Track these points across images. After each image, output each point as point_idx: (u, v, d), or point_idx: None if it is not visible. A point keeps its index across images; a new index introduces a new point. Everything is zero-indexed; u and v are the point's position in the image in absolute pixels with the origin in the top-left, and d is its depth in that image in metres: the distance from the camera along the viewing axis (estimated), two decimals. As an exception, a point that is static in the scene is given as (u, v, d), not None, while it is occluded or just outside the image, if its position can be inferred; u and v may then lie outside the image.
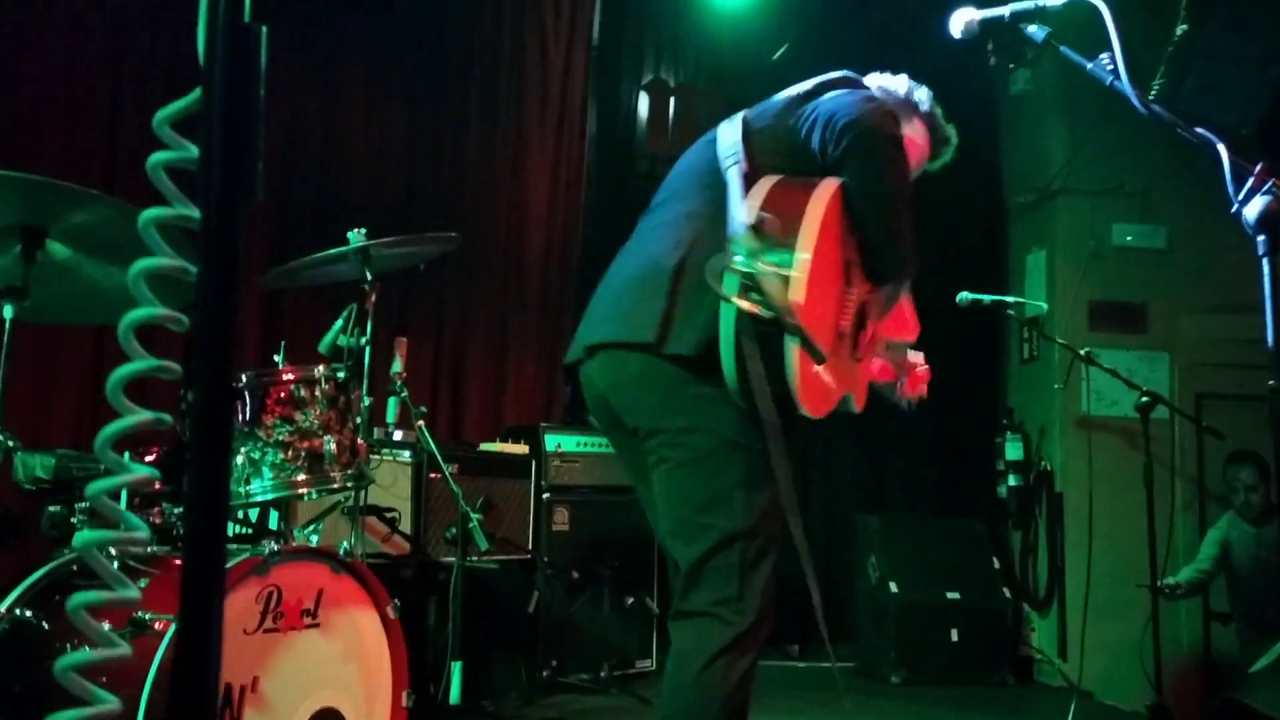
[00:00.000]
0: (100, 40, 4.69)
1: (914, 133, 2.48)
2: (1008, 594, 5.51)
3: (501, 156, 5.69)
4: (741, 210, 1.98)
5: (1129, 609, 5.04)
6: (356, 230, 3.22)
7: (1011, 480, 6.04)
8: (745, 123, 2.27)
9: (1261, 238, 2.05)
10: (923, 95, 2.56)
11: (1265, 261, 2.05)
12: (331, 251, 3.16)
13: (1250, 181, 2.06)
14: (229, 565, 2.39)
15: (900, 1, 5.51)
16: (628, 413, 2.15)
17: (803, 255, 1.89)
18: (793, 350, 1.89)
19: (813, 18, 6.10)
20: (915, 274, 2.20)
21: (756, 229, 1.91)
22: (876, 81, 2.52)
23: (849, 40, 5.97)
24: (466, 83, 5.66)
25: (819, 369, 1.94)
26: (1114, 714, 4.69)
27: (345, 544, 2.75)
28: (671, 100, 6.42)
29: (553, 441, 4.73)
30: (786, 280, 1.87)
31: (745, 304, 1.85)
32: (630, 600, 4.73)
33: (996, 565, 5.62)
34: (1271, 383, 2.07)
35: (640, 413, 2.12)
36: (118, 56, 4.72)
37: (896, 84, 2.55)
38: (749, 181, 2.07)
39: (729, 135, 2.24)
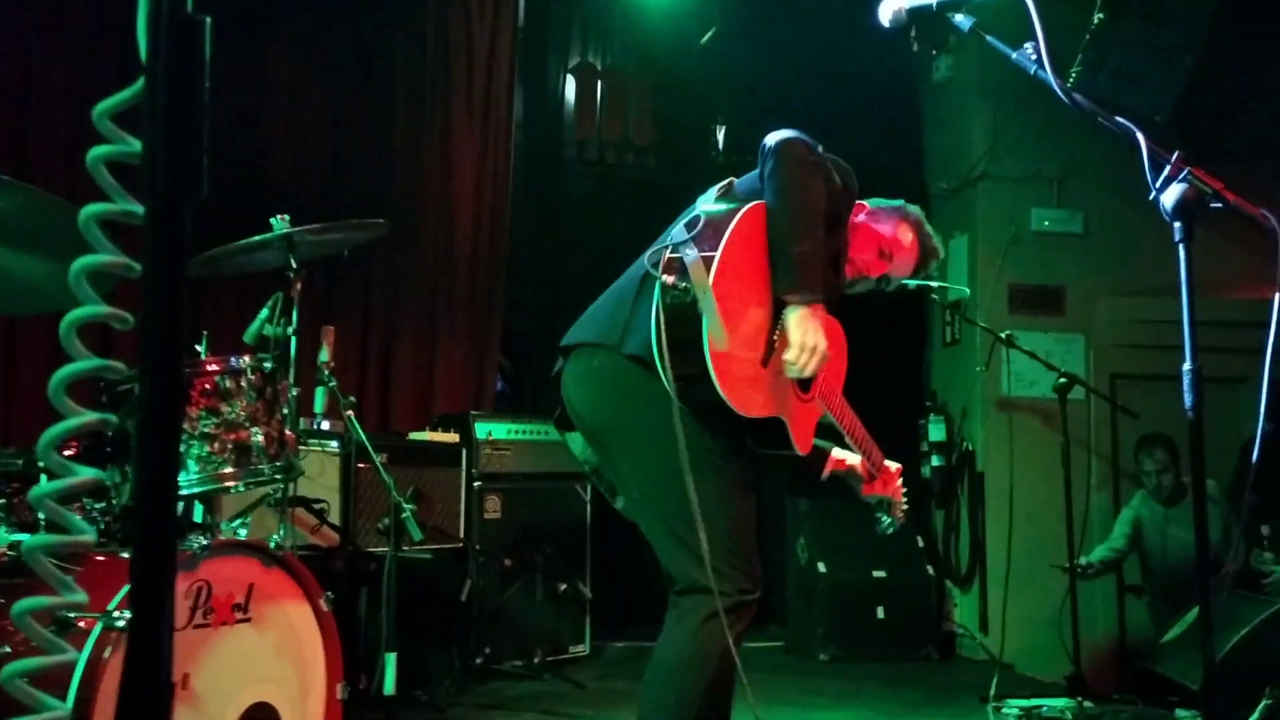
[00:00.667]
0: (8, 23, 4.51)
1: (903, 238, 2.60)
2: (931, 572, 5.64)
3: (428, 141, 5.61)
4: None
5: (1047, 584, 5.19)
6: (280, 217, 3.15)
7: (935, 461, 6.17)
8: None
9: (1177, 224, 2.11)
10: (915, 210, 2.68)
11: (1181, 248, 2.12)
12: (254, 239, 3.09)
13: (1167, 169, 2.12)
14: (156, 561, 2.34)
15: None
16: (588, 410, 2.33)
17: (721, 249, 2.09)
18: (708, 335, 2.04)
19: (740, 1, 6.13)
20: (819, 294, 2.18)
21: (689, 227, 2.14)
22: (871, 204, 2.64)
23: (776, 24, 6.02)
24: (391, 65, 5.57)
25: (739, 360, 2.10)
26: (1034, 685, 4.83)
27: (275, 537, 2.70)
28: (599, 84, 6.40)
29: (483, 429, 4.70)
30: (708, 263, 2.06)
31: (668, 279, 2.06)
32: (563, 586, 4.74)
33: (920, 544, 5.75)
34: (1186, 366, 2.14)
35: (601, 411, 2.31)
36: (23, 43, 4.55)
37: (889, 203, 2.68)
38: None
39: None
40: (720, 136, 6.39)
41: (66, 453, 2.67)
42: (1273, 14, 4.84)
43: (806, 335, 2.12)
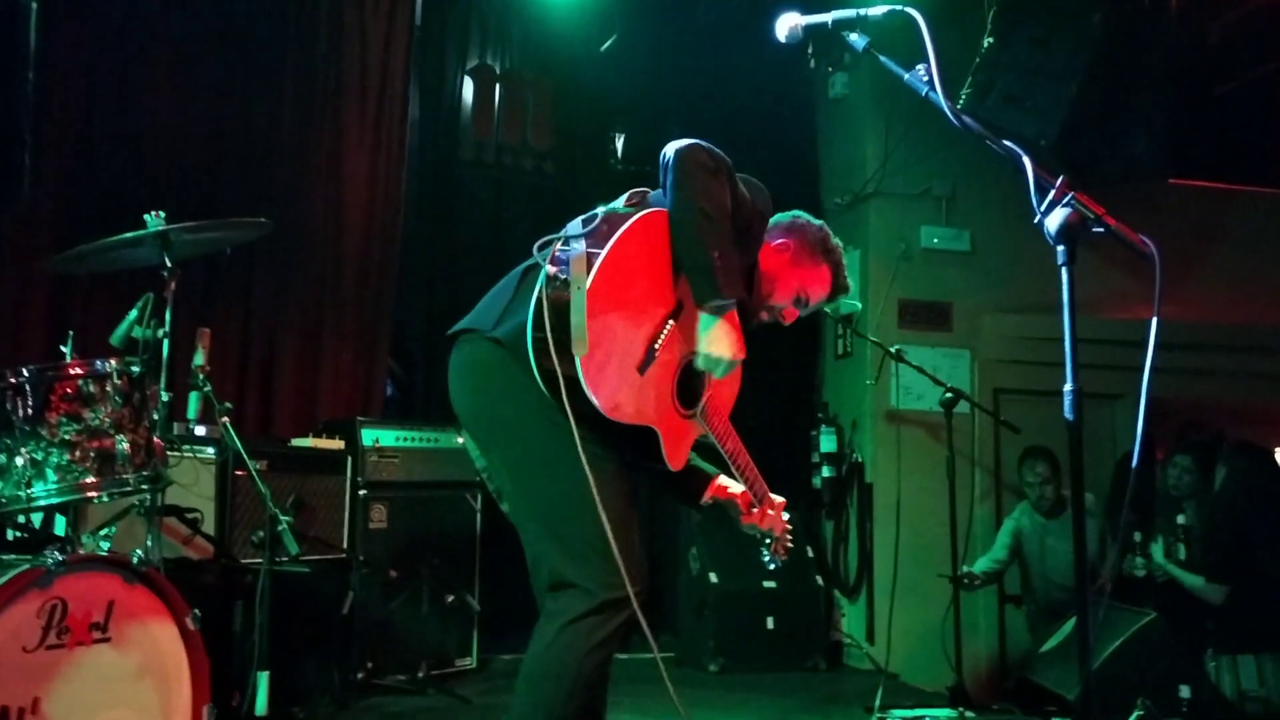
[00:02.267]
0: None
1: (822, 281, 2.56)
2: (820, 582, 5.69)
3: (317, 137, 5.44)
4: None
5: (932, 594, 5.28)
6: (154, 213, 3.01)
7: (825, 471, 6.24)
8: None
9: (1061, 247, 2.15)
10: (837, 245, 2.63)
11: (1064, 270, 2.15)
12: (126, 235, 2.94)
13: (1051, 193, 2.15)
14: (4, 579, 2.18)
15: (728, 1, 5.59)
16: (462, 402, 2.28)
17: (608, 247, 2.05)
18: (573, 334, 2.00)
19: (641, 10, 6.11)
20: (733, 296, 2.16)
21: (585, 223, 2.11)
22: (794, 220, 2.60)
23: (676, 35, 6.02)
24: (280, 58, 5.38)
25: (615, 362, 2.06)
26: (918, 695, 4.91)
27: (139, 552, 2.56)
28: (497, 87, 6.30)
29: (370, 436, 4.57)
30: (591, 260, 2.03)
31: (552, 269, 2.05)
32: (450, 598, 4.63)
33: (810, 554, 5.80)
34: (1067, 386, 2.17)
35: (473, 401, 2.26)
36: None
37: (812, 223, 2.63)
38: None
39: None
40: (619, 144, 6.36)
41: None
42: (1150, 44, 5.02)
43: (722, 343, 2.13)
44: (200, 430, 3.86)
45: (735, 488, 2.53)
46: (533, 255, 2.12)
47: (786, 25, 2.50)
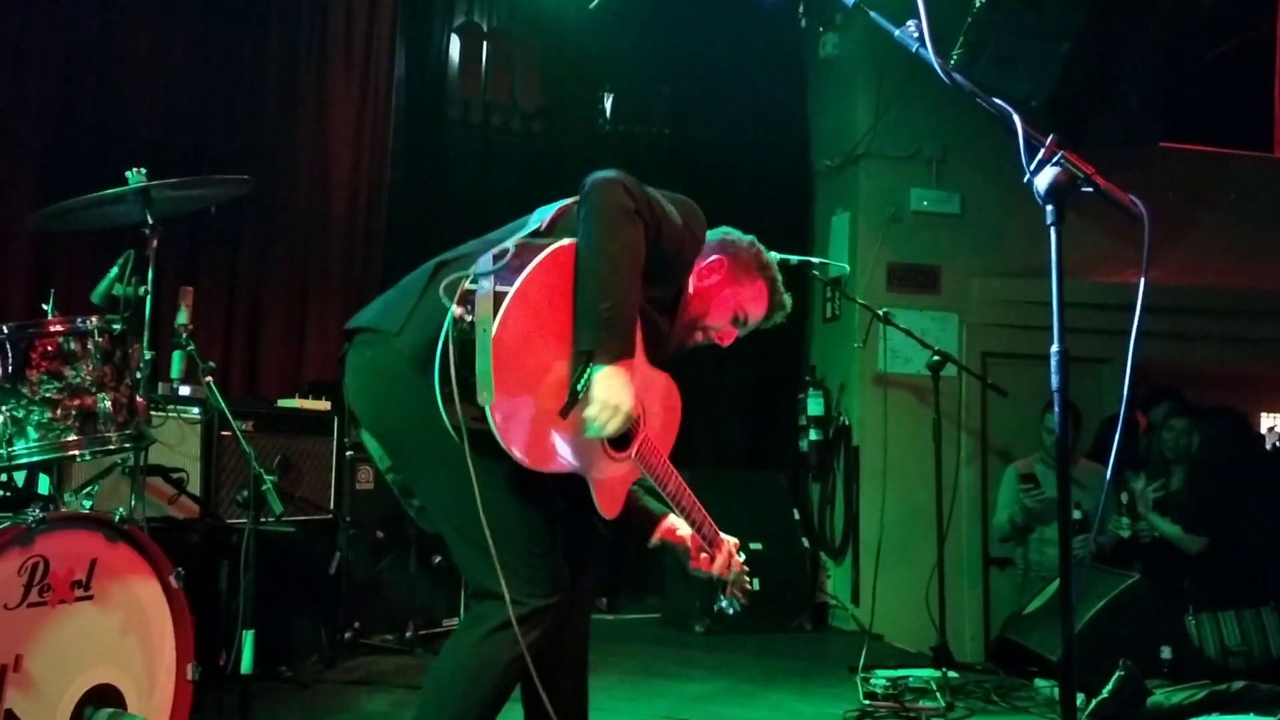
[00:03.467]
0: None
1: (759, 300, 2.44)
2: (806, 544, 5.72)
3: (303, 96, 5.38)
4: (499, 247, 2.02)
5: (917, 556, 5.32)
6: (136, 170, 2.96)
7: (813, 435, 6.25)
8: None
9: (1050, 207, 2.13)
10: (771, 261, 2.49)
11: (1053, 230, 2.14)
12: (108, 192, 2.90)
13: (1041, 153, 2.13)
14: (-16, 536, 2.17)
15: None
16: (365, 408, 2.20)
17: (516, 285, 1.91)
18: (479, 382, 1.87)
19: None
20: (627, 352, 2.00)
21: (496, 258, 1.96)
22: (724, 237, 2.46)
23: (665, -5, 5.94)
24: (265, 15, 5.31)
25: (533, 408, 1.94)
26: (901, 656, 4.95)
27: (121, 510, 2.54)
28: (485, 44, 6.23)
29: (356, 397, 4.55)
30: (499, 301, 1.89)
31: (458, 310, 1.90)
32: (438, 559, 4.64)
33: (797, 516, 5.82)
34: (1054, 347, 2.17)
35: (379, 410, 2.18)
36: None
37: (744, 240, 2.49)
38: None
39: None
40: (608, 104, 6.30)
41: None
42: (1142, 6, 4.99)
43: (610, 393, 1.95)
44: (185, 390, 3.83)
45: (684, 529, 2.41)
46: (438, 286, 1.99)
47: (777, -19, 2.46)
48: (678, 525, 2.42)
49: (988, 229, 6.15)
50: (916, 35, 2.27)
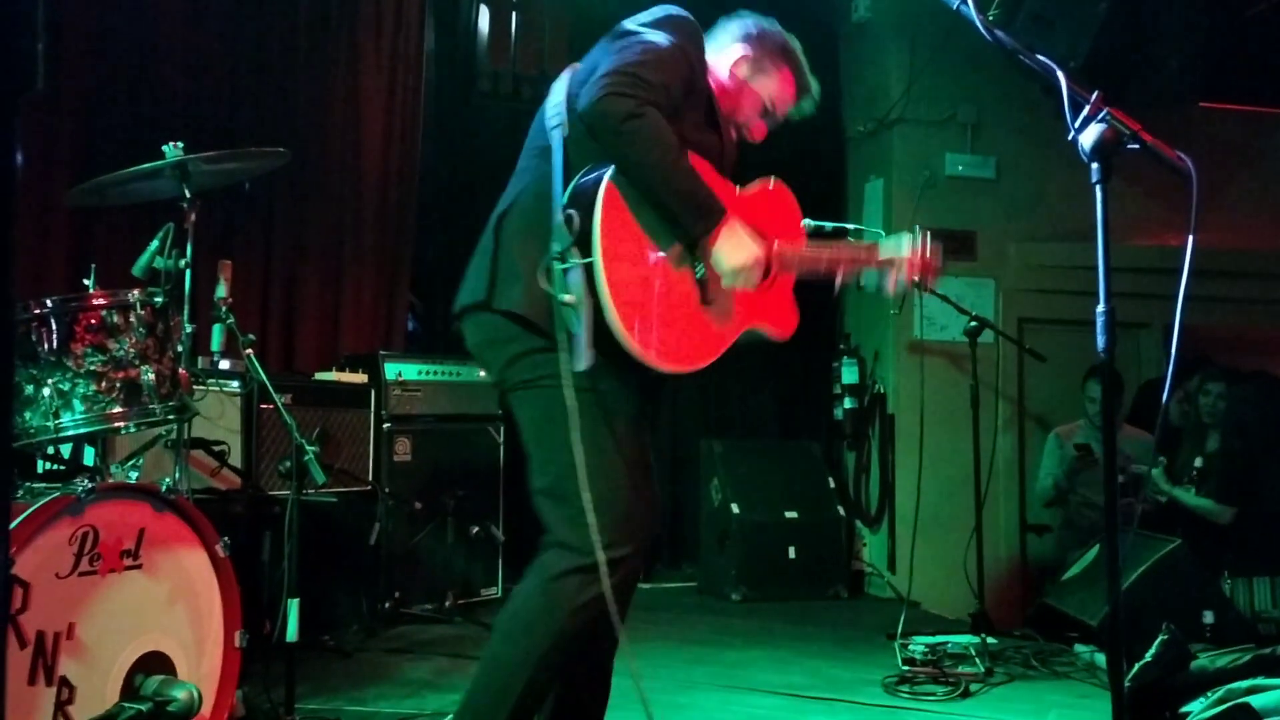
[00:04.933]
0: None
1: (786, 89, 2.45)
2: (841, 512, 5.71)
3: (334, 69, 5.37)
4: (562, 200, 2.09)
5: (954, 523, 5.30)
6: (172, 144, 2.97)
7: (847, 403, 6.23)
8: (571, 79, 2.28)
9: (1095, 165, 2.09)
10: (794, 46, 2.50)
11: (1098, 189, 2.10)
12: (144, 166, 2.91)
13: (1086, 110, 2.09)
14: (36, 506, 2.20)
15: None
16: (486, 368, 2.30)
17: (597, 256, 2.02)
18: (622, 338, 2.01)
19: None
20: (717, 220, 2.12)
21: (566, 223, 2.04)
22: (744, 26, 2.46)
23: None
24: (295, -12, 5.30)
25: (677, 328, 2.10)
26: (939, 622, 4.94)
27: (168, 480, 2.57)
28: (514, 15, 6.19)
29: (393, 370, 4.58)
30: (589, 268, 2.01)
31: (567, 297, 2.01)
32: (475, 529, 4.68)
33: (832, 485, 5.81)
34: (1100, 308, 2.13)
35: (491, 368, 2.26)
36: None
37: (763, 26, 2.49)
38: (573, 145, 2.15)
39: (556, 94, 2.27)
40: (638, 73, 6.25)
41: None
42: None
43: (733, 253, 2.12)
44: (224, 364, 3.87)
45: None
46: (494, 221, 2.19)
47: (813, -60, 2.43)
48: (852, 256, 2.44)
49: (1023, 193, 6.07)
50: (957, -9, 2.23)
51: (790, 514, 5.54)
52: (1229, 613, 4.33)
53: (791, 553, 5.50)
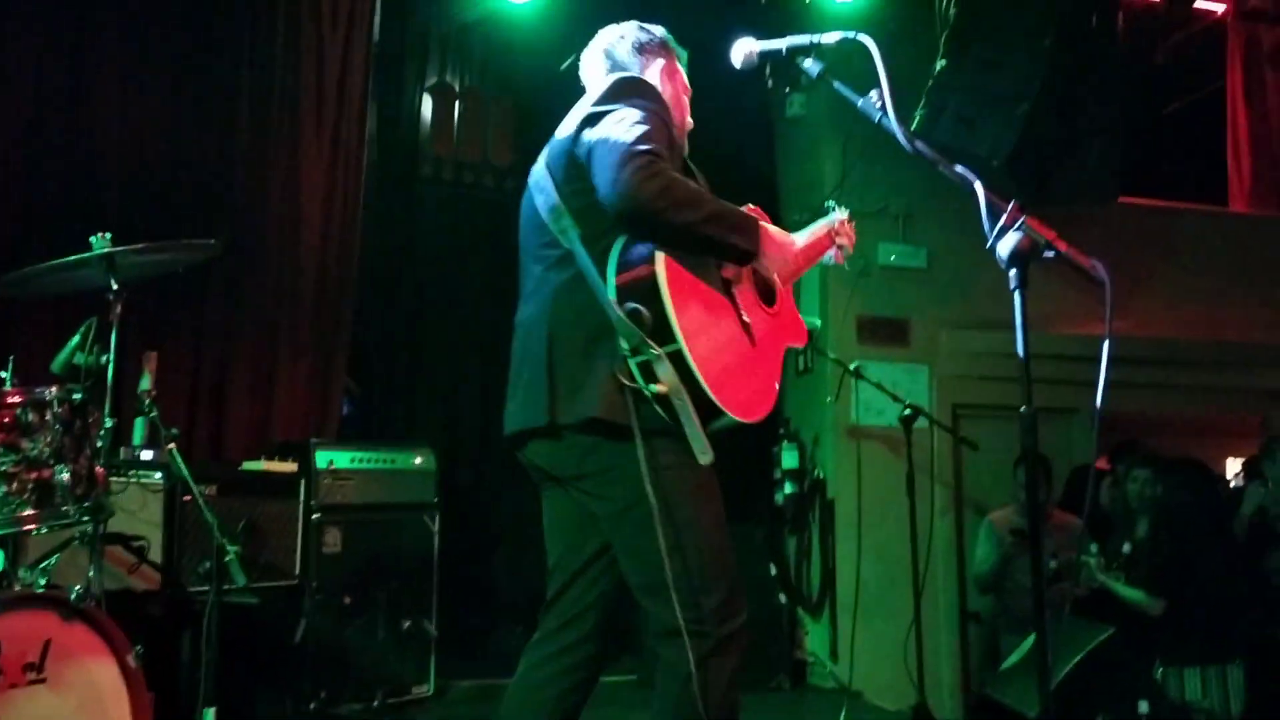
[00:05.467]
0: None
1: (670, 66, 2.58)
2: (783, 599, 5.67)
3: (273, 156, 5.36)
4: (610, 296, 2.12)
5: (895, 610, 5.30)
6: (100, 235, 2.94)
7: (788, 488, 6.23)
8: (549, 166, 2.36)
9: (1013, 272, 2.15)
10: (661, 35, 2.63)
11: (1017, 295, 2.15)
12: (70, 258, 2.87)
13: (1003, 219, 2.15)
14: (-65, 617, 2.11)
15: (686, 23, 5.57)
16: (558, 469, 2.30)
17: (680, 341, 2.08)
18: (724, 408, 2.11)
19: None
20: (758, 239, 2.28)
21: (633, 319, 2.08)
22: (629, 44, 2.57)
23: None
24: (236, 73, 5.30)
25: (747, 380, 2.22)
26: (880, 714, 4.90)
27: (78, 587, 2.48)
28: (457, 104, 6.27)
29: (324, 458, 4.49)
30: (675, 356, 2.06)
31: (658, 387, 2.05)
32: (407, 624, 4.56)
33: (773, 571, 5.78)
34: (1023, 409, 2.17)
35: (564, 472, 2.28)
36: None
37: (638, 35, 2.60)
38: (584, 230, 2.21)
39: (542, 182, 2.35)
40: (579, 162, 6.34)
41: None
42: (1098, 66, 5.09)
43: (784, 249, 2.36)
44: (147, 454, 3.78)
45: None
46: (543, 340, 2.21)
47: (742, 52, 2.51)
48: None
49: (955, 282, 6.20)
50: (879, 105, 2.30)
51: (730, 602, 5.48)
52: (1164, 702, 4.34)
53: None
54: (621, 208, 2.10)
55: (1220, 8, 6.92)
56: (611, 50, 2.56)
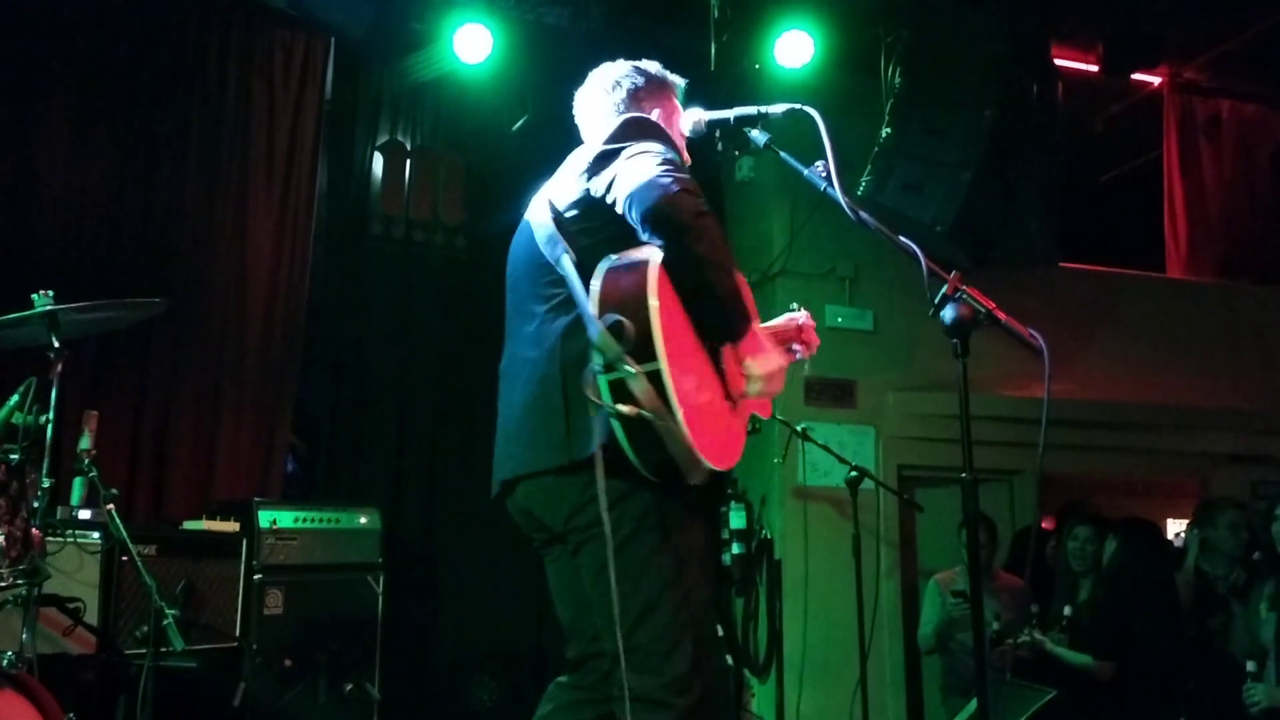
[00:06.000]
0: None
1: (670, 104, 2.59)
2: (730, 660, 5.64)
3: (221, 210, 5.33)
4: (591, 313, 2.05)
5: (841, 672, 5.29)
6: (42, 292, 2.91)
7: (735, 548, 6.21)
8: (551, 204, 2.36)
9: (955, 340, 2.21)
10: (658, 73, 2.64)
11: (960, 363, 2.21)
12: (10, 316, 2.83)
13: (945, 288, 2.22)
14: None
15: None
16: (550, 518, 2.23)
17: (661, 361, 1.98)
18: (692, 444, 1.99)
19: (552, 92, 6.16)
20: (745, 326, 2.25)
21: (614, 332, 1.98)
22: (625, 89, 2.58)
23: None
24: (185, 131, 5.29)
25: (720, 432, 2.15)
26: (827, 777, 4.88)
27: (9, 654, 2.41)
28: (408, 162, 6.29)
29: (267, 517, 4.42)
30: (654, 376, 1.96)
31: (625, 409, 1.94)
32: (349, 687, 4.47)
33: (720, 632, 5.75)
34: (964, 475, 2.22)
35: (559, 516, 2.20)
36: None
37: (649, 73, 2.62)
38: (582, 269, 2.16)
39: (541, 220, 2.34)
40: (529, 221, 6.37)
41: None
42: (1039, 135, 5.26)
43: (766, 364, 2.24)
44: (85, 514, 3.70)
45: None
46: (556, 381, 2.13)
47: (690, 120, 2.57)
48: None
49: (901, 344, 6.29)
50: (824, 174, 2.37)
51: (678, 664, 5.44)
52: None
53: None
54: (652, 211, 2.09)
55: (1157, 80, 7.18)
56: (609, 91, 2.58)
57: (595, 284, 2.09)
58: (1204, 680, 4.62)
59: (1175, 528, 8.93)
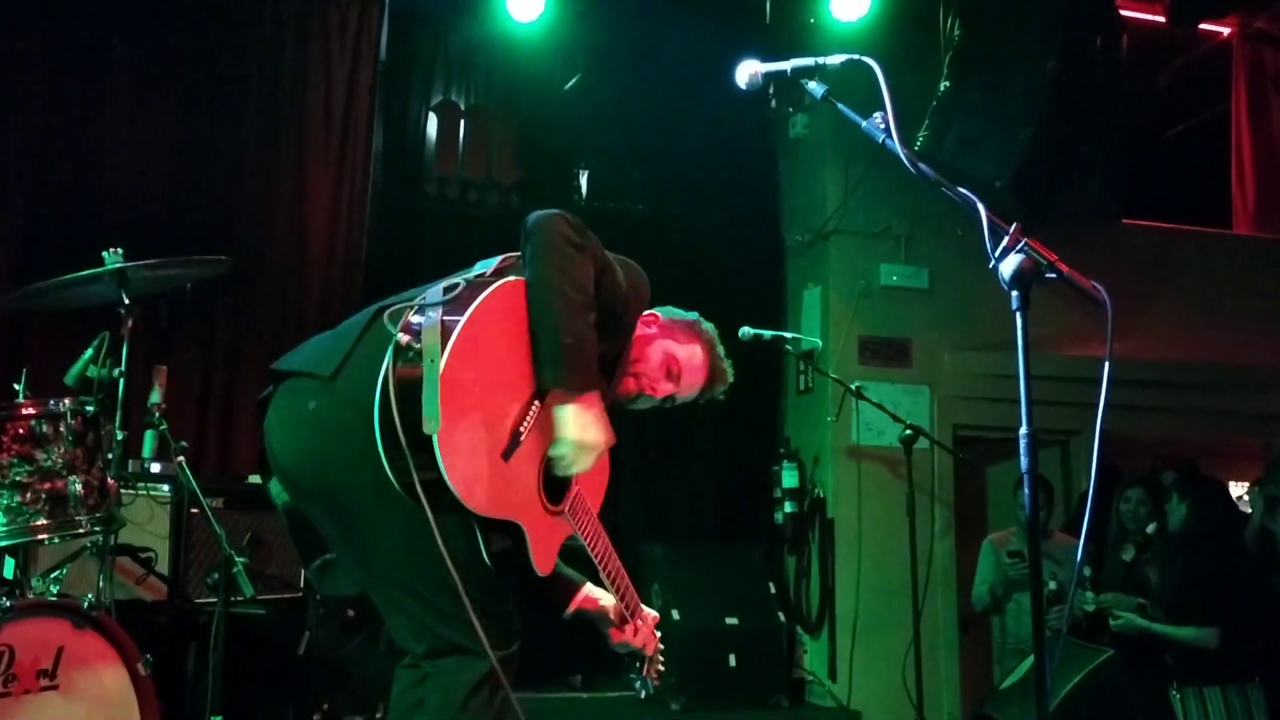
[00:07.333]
0: None
1: (695, 360, 2.39)
2: (782, 618, 5.68)
3: (281, 172, 5.43)
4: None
5: (894, 630, 5.31)
6: (112, 250, 2.98)
7: (788, 507, 6.24)
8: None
9: (1015, 293, 2.18)
10: (709, 329, 2.48)
11: (1018, 316, 2.18)
12: (83, 273, 2.91)
13: (1005, 240, 2.19)
14: (-51, 625, 2.14)
15: (691, 43, 5.64)
16: (298, 464, 2.05)
17: (466, 315, 1.88)
18: (425, 411, 1.80)
19: (605, 51, 6.16)
20: (579, 387, 1.98)
21: (446, 290, 1.94)
22: (665, 315, 2.44)
23: (640, 75, 6.07)
24: (244, 93, 5.38)
25: (475, 446, 1.87)
26: (879, 732, 4.91)
27: (89, 596, 2.51)
28: (462, 122, 6.32)
29: (330, 472, 4.52)
30: (447, 334, 1.84)
31: (403, 337, 1.85)
32: (410, 637, 4.57)
33: (772, 590, 5.79)
34: (1022, 430, 2.20)
35: (320, 469, 2.02)
36: None
37: (685, 315, 2.49)
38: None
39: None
40: (584, 181, 6.39)
41: None
42: (1101, 89, 5.14)
43: (583, 429, 1.96)
44: (156, 468, 3.81)
45: (606, 599, 2.29)
46: (382, 322, 1.92)
47: (746, 73, 2.54)
48: (598, 595, 2.30)
49: (956, 303, 6.23)
50: (883, 127, 2.33)
51: (731, 620, 5.50)
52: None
53: (732, 660, 5.44)
54: (530, 222, 2.05)
55: (1226, 30, 6.97)
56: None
57: (474, 270, 2.10)
58: (1273, 639, 4.54)
59: (1237, 491, 8.79)
